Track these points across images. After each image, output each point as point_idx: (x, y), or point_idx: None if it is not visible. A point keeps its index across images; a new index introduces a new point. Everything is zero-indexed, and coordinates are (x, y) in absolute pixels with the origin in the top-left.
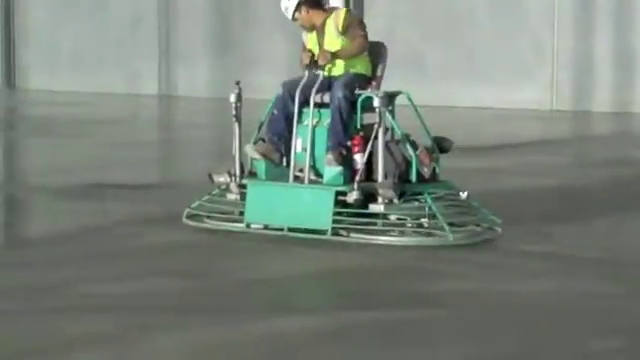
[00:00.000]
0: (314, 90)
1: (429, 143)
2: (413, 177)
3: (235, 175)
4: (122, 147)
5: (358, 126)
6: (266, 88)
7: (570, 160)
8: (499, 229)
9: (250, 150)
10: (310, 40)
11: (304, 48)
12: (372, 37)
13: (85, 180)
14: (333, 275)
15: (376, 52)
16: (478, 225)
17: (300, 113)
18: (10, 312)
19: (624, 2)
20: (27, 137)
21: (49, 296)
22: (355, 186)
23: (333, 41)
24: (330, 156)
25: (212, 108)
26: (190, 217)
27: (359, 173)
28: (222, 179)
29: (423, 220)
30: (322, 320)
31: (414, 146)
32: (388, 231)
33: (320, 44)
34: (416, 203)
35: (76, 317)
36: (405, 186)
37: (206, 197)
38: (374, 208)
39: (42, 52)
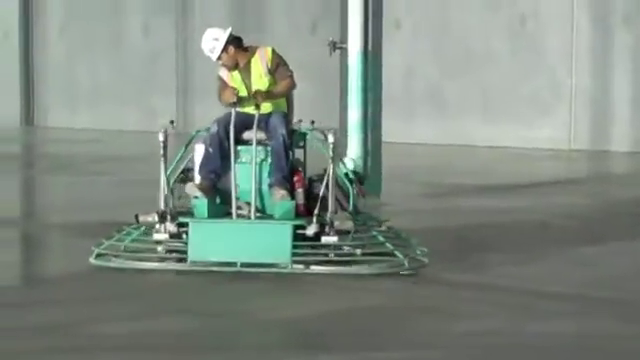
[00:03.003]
0: (255, 127)
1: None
2: (350, 208)
3: (167, 214)
4: (140, 185)
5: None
6: None
7: (588, 200)
8: (426, 260)
9: (192, 189)
10: (233, 79)
11: (224, 85)
12: (391, 74)
13: (102, 218)
14: (349, 314)
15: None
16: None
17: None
18: (21, 352)
19: None
20: (45, 174)
21: (60, 335)
22: (314, 219)
23: (260, 80)
24: (282, 191)
25: None
26: (100, 256)
27: (317, 207)
28: (150, 219)
29: (357, 250)
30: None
31: (350, 180)
32: (346, 262)
33: (246, 83)
34: (364, 234)
35: (88, 357)
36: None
37: (115, 237)
38: (328, 240)
39: (60, 89)
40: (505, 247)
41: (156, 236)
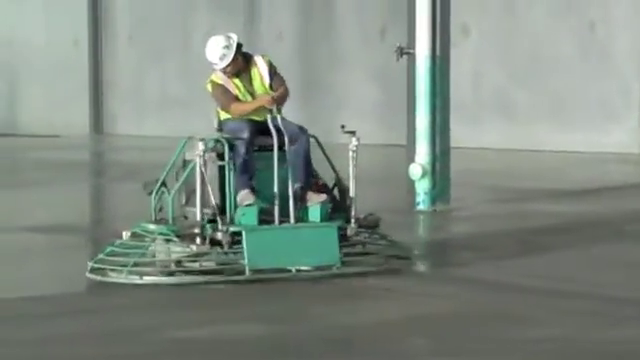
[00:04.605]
0: (275, 132)
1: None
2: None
3: (223, 224)
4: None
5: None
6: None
7: None
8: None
9: (247, 196)
10: (236, 86)
11: (228, 92)
12: (459, 79)
13: None
14: (416, 320)
15: None
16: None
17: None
18: (89, 357)
19: None
20: (114, 182)
21: (126, 342)
22: (353, 220)
23: (262, 86)
24: (317, 194)
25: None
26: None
27: (352, 209)
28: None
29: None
30: None
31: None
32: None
33: (248, 89)
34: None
35: None
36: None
37: (115, 245)
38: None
39: (129, 98)
40: (574, 252)
41: (194, 248)
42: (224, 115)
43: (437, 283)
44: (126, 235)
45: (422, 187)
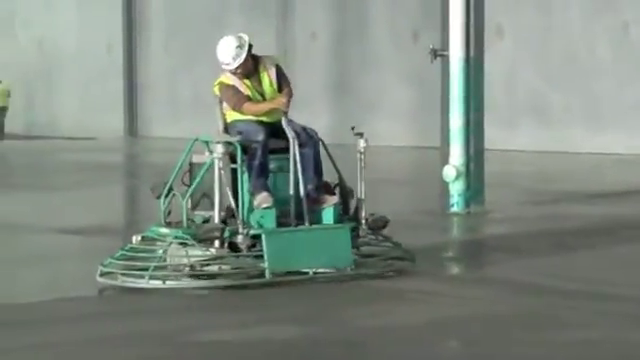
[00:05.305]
0: (292, 134)
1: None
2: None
3: (242, 227)
4: None
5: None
6: (382, 134)
7: None
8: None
9: (266, 199)
10: (246, 86)
11: (239, 93)
12: (493, 81)
13: None
14: (451, 322)
15: None
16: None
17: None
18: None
19: None
20: (148, 184)
21: (162, 344)
22: (363, 222)
23: (270, 87)
24: (331, 196)
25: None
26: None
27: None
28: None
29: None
30: None
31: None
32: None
33: (258, 90)
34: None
35: None
36: None
37: (125, 250)
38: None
39: (163, 100)
40: (608, 254)
41: (214, 251)
42: (232, 117)
43: (470, 285)
44: (136, 239)
45: (456, 189)
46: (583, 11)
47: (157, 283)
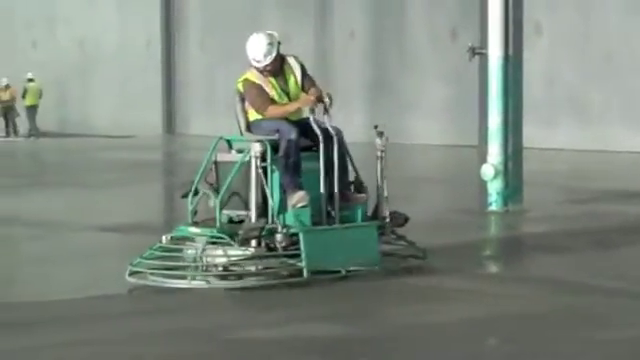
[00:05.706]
0: (320, 134)
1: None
2: None
3: (280, 227)
4: None
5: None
6: (420, 133)
7: None
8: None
9: (304, 197)
10: (272, 85)
11: (264, 93)
12: (532, 79)
13: None
14: (495, 321)
15: None
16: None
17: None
18: (163, 357)
19: None
20: (186, 181)
21: (204, 341)
22: (387, 220)
23: (295, 86)
24: (361, 194)
25: (368, 153)
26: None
27: (387, 208)
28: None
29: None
30: None
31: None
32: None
33: (284, 89)
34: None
35: None
36: None
37: (154, 249)
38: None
39: (201, 98)
40: None
41: (252, 250)
42: (254, 115)
43: (509, 283)
44: (166, 239)
45: (494, 187)
46: (622, 9)
47: (200, 284)
